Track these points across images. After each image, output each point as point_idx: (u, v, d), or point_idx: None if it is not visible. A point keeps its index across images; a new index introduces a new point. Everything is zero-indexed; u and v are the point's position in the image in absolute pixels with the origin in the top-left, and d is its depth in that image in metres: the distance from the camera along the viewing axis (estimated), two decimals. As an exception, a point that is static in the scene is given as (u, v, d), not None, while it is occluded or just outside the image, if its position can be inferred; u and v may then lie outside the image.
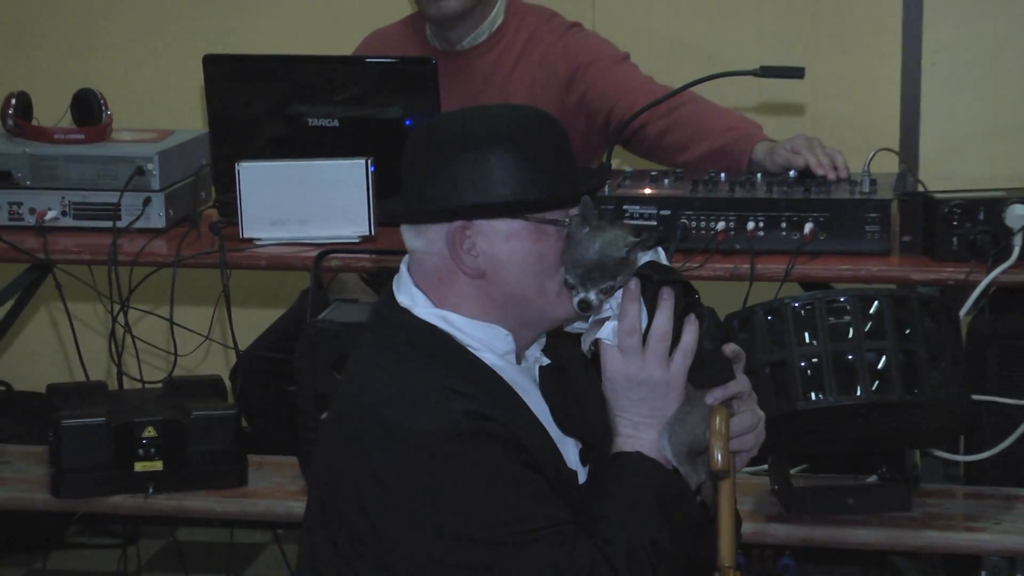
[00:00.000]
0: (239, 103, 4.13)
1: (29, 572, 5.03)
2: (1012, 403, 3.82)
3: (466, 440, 2.57)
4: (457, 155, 2.64)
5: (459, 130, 2.67)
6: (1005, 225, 3.75)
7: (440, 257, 2.68)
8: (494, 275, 2.67)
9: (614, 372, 2.68)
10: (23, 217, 4.09)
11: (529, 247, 2.66)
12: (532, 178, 2.64)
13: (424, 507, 2.58)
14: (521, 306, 2.70)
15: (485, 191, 2.63)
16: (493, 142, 2.64)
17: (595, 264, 2.63)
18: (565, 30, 4.49)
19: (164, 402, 3.94)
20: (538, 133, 2.67)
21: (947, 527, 3.67)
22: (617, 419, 2.70)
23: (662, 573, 2.64)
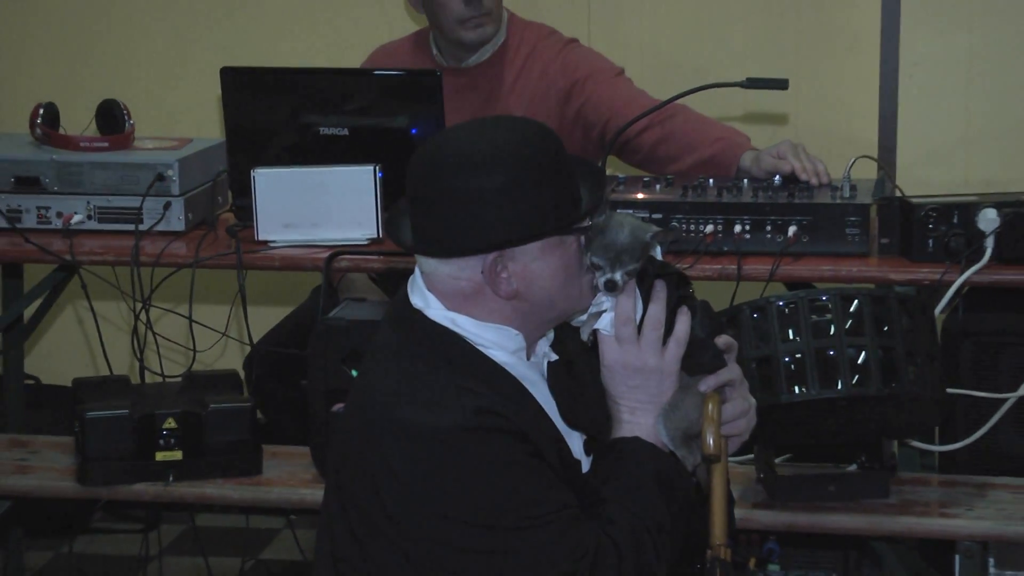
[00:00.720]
0: (254, 113, 4.12)
1: (56, 556, 5.03)
2: (984, 396, 3.82)
3: (476, 435, 2.57)
4: (473, 183, 2.59)
5: (470, 156, 2.61)
6: (978, 228, 3.75)
7: (470, 282, 2.65)
8: (526, 293, 2.66)
9: (611, 360, 2.69)
10: (50, 221, 4.08)
11: (556, 261, 2.65)
12: (551, 196, 2.61)
13: (437, 498, 2.58)
14: (547, 312, 2.70)
15: (515, 219, 2.59)
16: (507, 166, 2.59)
17: (626, 247, 2.64)
18: (563, 46, 4.49)
19: (183, 395, 3.94)
20: (543, 147, 2.64)
21: (923, 513, 3.67)
22: (616, 406, 2.71)
23: (662, 550, 2.64)
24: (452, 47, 4.46)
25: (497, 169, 2.59)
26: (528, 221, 2.61)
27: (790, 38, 4.98)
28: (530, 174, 2.60)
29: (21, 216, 4.08)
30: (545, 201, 2.61)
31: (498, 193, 2.58)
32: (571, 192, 2.64)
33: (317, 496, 3.63)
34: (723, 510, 2.71)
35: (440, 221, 2.62)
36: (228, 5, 5.26)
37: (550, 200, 2.61)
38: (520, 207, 2.59)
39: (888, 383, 3.46)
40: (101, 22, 5.32)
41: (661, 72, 4.79)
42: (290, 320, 4.56)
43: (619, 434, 2.69)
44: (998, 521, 3.63)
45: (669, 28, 5.04)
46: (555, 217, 2.62)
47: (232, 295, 3.97)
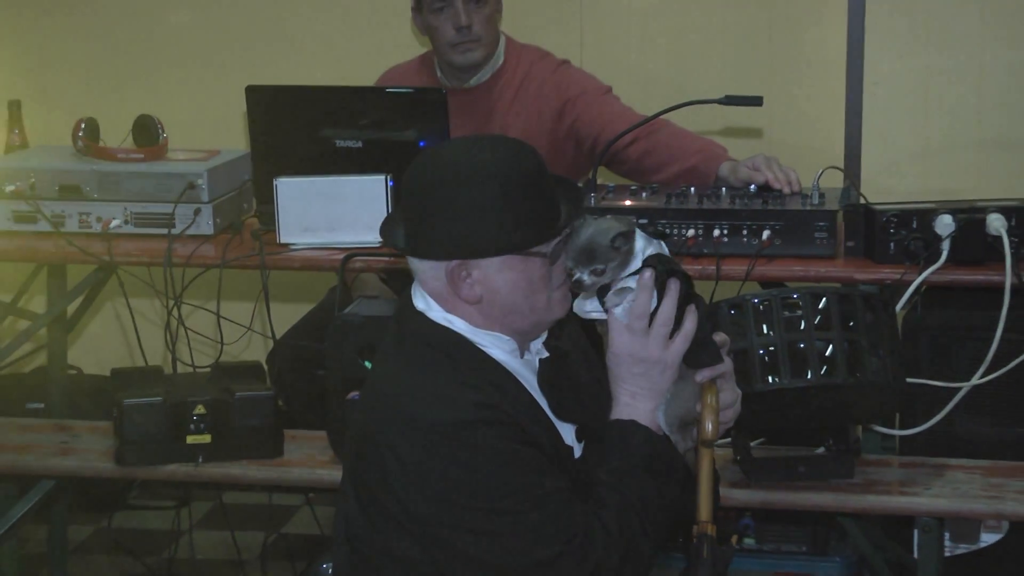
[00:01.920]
0: (276, 127, 4.11)
1: (97, 530, 5.03)
2: (941, 385, 3.81)
3: (475, 427, 2.57)
4: (451, 197, 2.60)
5: (452, 171, 2.62)
6: (935, 232, 3.74)
7: (441, 282, 2.66)
8: (490, 300, 2.66)
9: (620, 348, 2.67)
10: (91, 225, 4.07)
11: (518, 275, 2.65)
12: (518, 217, 2.61)
13: (439, 484, 2.58)
14: (516, 320, 2.69)
15: (477, 234, 2.60)
16: (483, 184, 2.60)
17: (584, 249, 2.62)
18: (556, 67, 4.49)
19: (212, 384, 3.94)
20: (521, 170, 2.63)
21: (885, 492, 3.66)
22: (617, 388, 2.69)
23: (651, 529, 2.63)
24: (452, 69, 4.46)
25: (469, 186, 2.60)
26: (488, 238, 2.61)
27: (764, 60, 4.98)
28: (501, 194, 2.60)
29: (64, 221, 4.08)
30: (508, 221, 2.60)
31: (466, 208, 2.59)
32: (542, 212, 2.63)
33: (333, 476, 3.64)
34: (710, 490, 2.70)
35: (416, 225, 2.65)
36: (253, 29, 5.26)
37: (513, 220, 2.60)
38: (483, 224, 2.60)
39: (853, 373, 3.46)
40: (138, 44, 5.32)
41: (646, 90, 4.79)
42: (309, 316, 4.56)
43: (617, 416, 2.68)
44: (953, 499, 3.62)
45: (654, 50, 5.04)
46: (518, 237, 2.61)
47: (256, 293, 3.96)
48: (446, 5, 4.35)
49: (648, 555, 2.64)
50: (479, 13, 4.36)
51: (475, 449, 2.57)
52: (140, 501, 5.20)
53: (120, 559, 4.80)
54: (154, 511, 5.15)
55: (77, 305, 4.54)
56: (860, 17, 4.47)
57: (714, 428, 2.66)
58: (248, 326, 4.09)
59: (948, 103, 4.89)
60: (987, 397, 3.87)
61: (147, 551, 4.84)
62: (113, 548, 4.88)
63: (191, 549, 4.77)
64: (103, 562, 4.81)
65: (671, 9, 5.03)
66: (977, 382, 3.76)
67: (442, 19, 4.37)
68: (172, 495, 5.14)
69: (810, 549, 4.15)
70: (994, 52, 4.86)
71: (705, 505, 2.70)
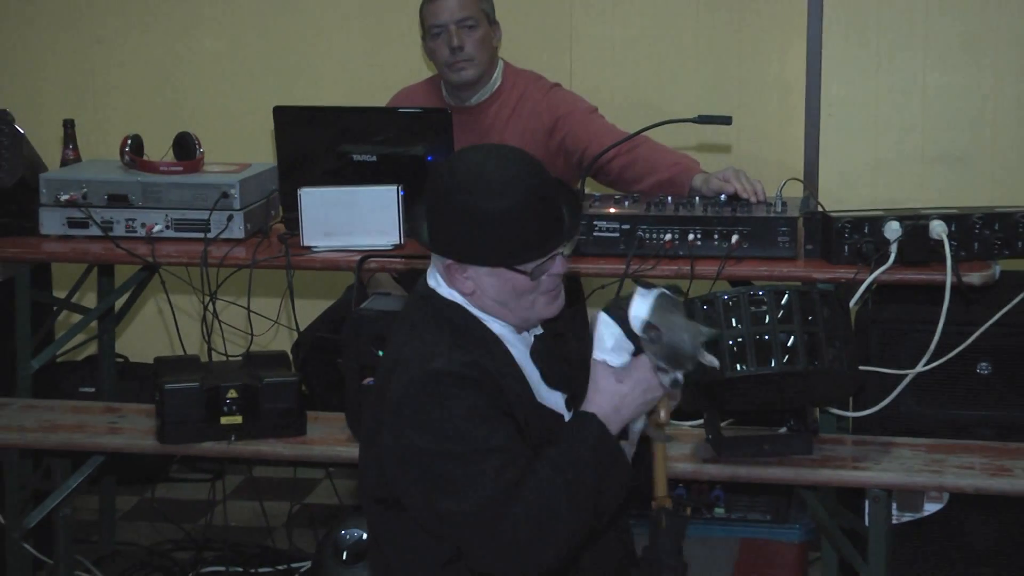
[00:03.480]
0: (300, 143, 4.11)
1: (141, 500, 5.03)
2: (889, 372, 3.81)
3: (458, 380, 2.58)
4: (457, 203, 2.62)
5: (465, 180, 2.62)
6: (884, 237, 3.74)
7: (442, 271, 2.70)
8: (480, 294, 2.69)
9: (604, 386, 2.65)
10: (136, 230, 4.07)
11: (503, 283, 2.67)
12: (510, 236, 2.62)
13: (410, 420, 2.59)
14: (504, 314, 2.70)
15: (471, 243, 2.62)
16: (487, 199, 2.61)
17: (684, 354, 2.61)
18: (548, 88, 4.49)
19: (243, 371, 3.93)
20: (526, 189, 2.62)
21: (839, 467, 3.66)
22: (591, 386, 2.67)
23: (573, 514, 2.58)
24: (455, 89, 4.47)
25: (476, 197, 2.61)
26: (479, 249, 2.63)
27: (733, 83, 4.97)
28: (498, 210, 2.60)
29: (112, 226, 4.07)
30: (501, 237, 2.61)
31: (467, 217, 2.61)
32: (534, 233, 2.62)
33: (351, 452, 3.64)
34: (664, 469, 2.70)
35: (431, 218, 2.67)
36: (280, 56, 5.25)
37: (506, 238, 2.61)
38: (478, 235, 2.62)
39: (812, 361, 3.45)
40: (178, 69, 5.31)
41: (628, 110, 4.78)
42: (329, 311, 4.55)
43: (584, 407, 2.66)
44: (900, 473, 3.62)
45: (635, 75, 5.04)
46: (505, 254, 2.62)
47: (282, 290, 3.95)
48: (442, 30, 4.38)
49: (565, 537, 2.58)
50: (471, 36, 4.38)
51: (448, 397, 2.57)
52: (179, 474, 5.20)
53: (161, 526, 4.79)
54: (192, 483, 5.15)
55: (124, 301, 4.54)
56: (818, 46, 4.48)
57: (667, 413, 2.67)
58: (275, 319, 4.08)
59: (895, 122, 4.89)
60: (930, 383, 3.87)
61: (185, 519, 4.83)
62: (155, 516, 4.87)
63: (225, 517, 4.77)
64: (146, 528, 4.81)
65: (650, 39, 5.03)
66: (921, 370, 3.76)
67: (439, 42, 4.39)
68: (208, 469, 5.14)
69: (773, 517, 4.15)
70: (936, 77, 4.86)
71: (660, 483, 2.70)
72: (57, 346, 4.39)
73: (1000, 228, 3.78)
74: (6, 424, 4.01)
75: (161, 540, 4.68)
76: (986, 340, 3.77)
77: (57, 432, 3.96)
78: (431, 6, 4.43)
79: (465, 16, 4.39)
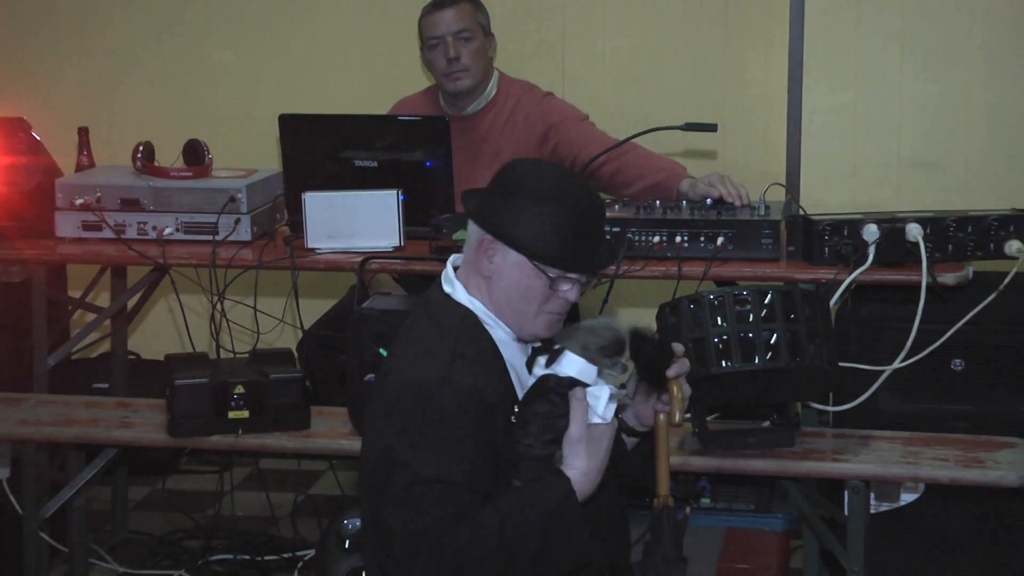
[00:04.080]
0: (305, 149, 4.10)
1: (152, 490, 5.02)
2: (867, 368, 3.80)
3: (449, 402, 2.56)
4: (522, 194, 2.64)
5: (536, 176, 2.67)
6: (862, 239, 3.73)
7: (470, 251, 2.70)
8: (495, 282, 2.68)
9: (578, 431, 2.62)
10: (148, 232, 4.06)
11: (523, 279, 2.66)
12: (550, 238, 2.63)
13: (388, 426, 2.59)
14: (507, 313, 2.69)
15: (518, 227, 2.63)
16: (547, 199, 2.63)
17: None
18: (541, 97, 4.49)
19: (250, 368, 3.92)
20: (581, 211, 2.65)
21: (820, 459, 3.65)
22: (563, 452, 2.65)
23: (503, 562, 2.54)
24: (452, 98, 4.46)
25: (539, 193, 2.64)
26: (519, 234, 2.63)
27: (719, 92, 4.98)
28: (553, 213, 2.62)
29: (125, 229, 4.07)
30: (543, 235, 2.62)
31: (524, 205, 2.63)
32: (573, 250, 2.64)
33: (354, 445, 3.63)
34: (668, 467, 2.70)
35: (491, 198, 2.68)
36: (285, 66, 5.26)
37: (546, 237, 2.63)
38: (525, 223, 2.62)
39: (794, 358, 3.44)
40: (187, 79, 5.31)
41: (618, 118, 4.78)
42: (332, 310, 4.54)
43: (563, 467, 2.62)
44: (878, 465, 3.61)
45: (625, 83, 5.04)
46: (538, 250, 2.63)
47: (287, 290, 3.95)
48: (439, 42, 4.38)
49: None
50: (467, 47, 4.38)
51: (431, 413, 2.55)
52: (189, 466, 5.19)
53: (172, 515, 4.78)
54: (200, 475, 5.14)
55: (136, 300, 4.53)
56: (799, 56, 4.47)
57: (681, 415, 2.67)
58: (280, 318, 4.07)
59: (873, 129, 4.90)
60: (906, 379, 3.87)
61: (194, 509, 4.82)
62: (166, 506, 4.86)
63: (232, 507, 4.75)
64: (157, 518, 4.80)
65: (639, 50, 5.03)
66: (898, 366, 3.76)
67: (436, 53, 4.39)
68: (216, 462, 5.13)
69: (757, 507, 4.14)
70: (911, 86, 4.87)
71: (663, 482, 2.69)
72: (72, 344, 4.39)
73: (973, 231, 3.78)
74: (23, 418, 4.00)
75: (171, 529, 4.68)
76: (960, 338, 3.77)
77: (72, 426, 3.95)
78: (429, 18, 4.43)
79: (461, 28, 4.39)
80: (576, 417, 2.60)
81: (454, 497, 2.53)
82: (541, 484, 2.59)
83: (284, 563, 4.44)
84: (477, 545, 2.52)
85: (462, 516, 2.53)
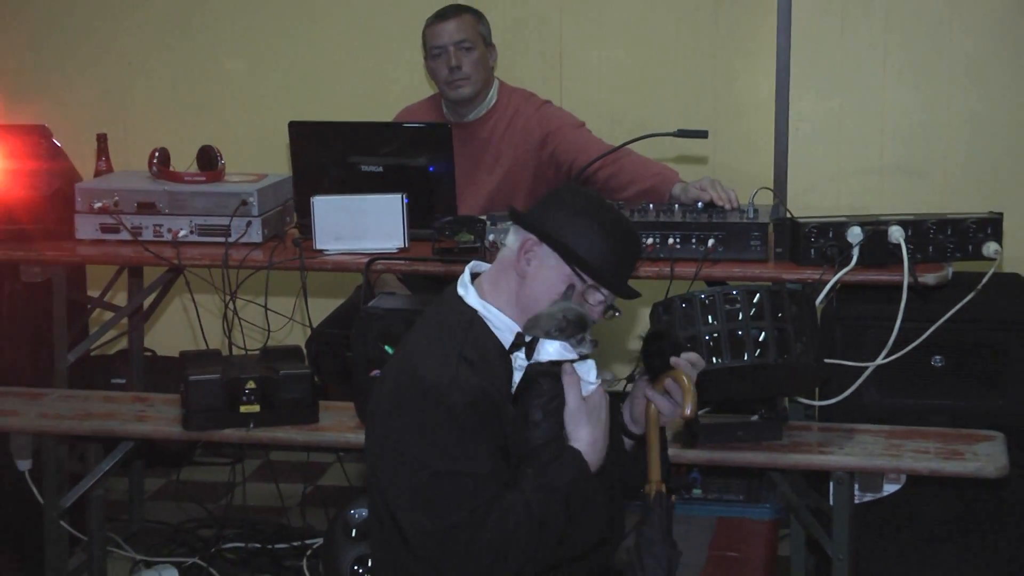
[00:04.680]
0: (313, 155, 4.09)
1: (167, 482, 5.02)
2: (851, 364, 3.80)
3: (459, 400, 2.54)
4: (571, 207, 2.68)
5: (582, 197, 2.71)
6: (847, 240, 3.73)
7: (510, 252, 2.69)
8: (528, 281, 2.67)
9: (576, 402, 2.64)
10: (163, 234, 4.05)
11: (556, 283, 2.66)
12: (596, 254, 2.64)
13: (399, 429, 2.57)
14: (526, 309, 2.68)
15: (563, 232, 2.64)
16: (591, 215, 2.66)
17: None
18: (540, 105, 4.48)
19: (261, 364, 3.91)
20: (620, 237, 2.68)
21: (806, 451, 3.65)
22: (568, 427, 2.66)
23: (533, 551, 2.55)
24: (454, 106, 4.46)
25: (586, 212, 2.67)
26: (566, 239, 2.65)
27: (710, 100, 4.97)
28: (601, 233, 2.65)
29: (141, 231, 4.06)
30: (583, 245, 2.64)
31: (573, 220, 2.65)
32: (606, 265, 2.66)
33: (360, 439, 3.60)
34: (658, 455, 2.69)
35: (541, 207, 2.69)
36: (294, 75, 5.26)
37: (592, 251, 2.64)
38: (572, 232, 2.64)
39: (782, 355, 3.44)
40: (201, 87, 5.32)
41: (613, 124, 4.79)
42: (340, 309, 4.54)
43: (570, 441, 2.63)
44: (861, 457, 3.61)
45: (620, 91, 5.04)
46: (578, 255, 2.64)
47: (296, 290, 3.94)
48: (442, 51, 4.38)
49: (521, 566, 2.55)
50: (468, 57, 4.38)
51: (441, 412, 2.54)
52: (202, 458, 5.19)
53: (186, 505, 4.78)
54: (213, 467, 5.14)
55: (152, 300, 4.53)
56: (786, 66, 4.47)
57: (694, 407, 2.68)
58: (290, 317, 4.06)
59: (856, 136, 4.91)
60: (889, 374, 3.86)
61: (208, 499, 4.82)
62: (180, 496, 4.86)
63: (244, 498, 4.76)
64: (172, 508, 4.80)
65: (633, 60, 5.03)
66: (881, 362, 3.75)
67: (439, 63, 4.39)
68: (228, 454, 5.14)
69: (746, 497, 4.14)
70: (893, 95, 4.88)
71: (655, 468, 2.68)
72: (91, 341, 4.39)
73: (952, 233, 3.78)
74: (44, 412, 4.00)
75: (186, 519, 4.68)
76: (940, 335, 3.76)
77: (91, 420, 3.95)
78: (432, 29, 4.43)
79: (463, 38, 4.39)
80: (571, 391, 2.62)
81: (480, 489, 2.53)
82: (556, 463, 2.59)
83: (293, 551, 4.44)
84: (511, 528, 2.52)
85: (491, 505, 2.53)
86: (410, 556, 2.61)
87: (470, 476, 2.52)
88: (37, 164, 4.22)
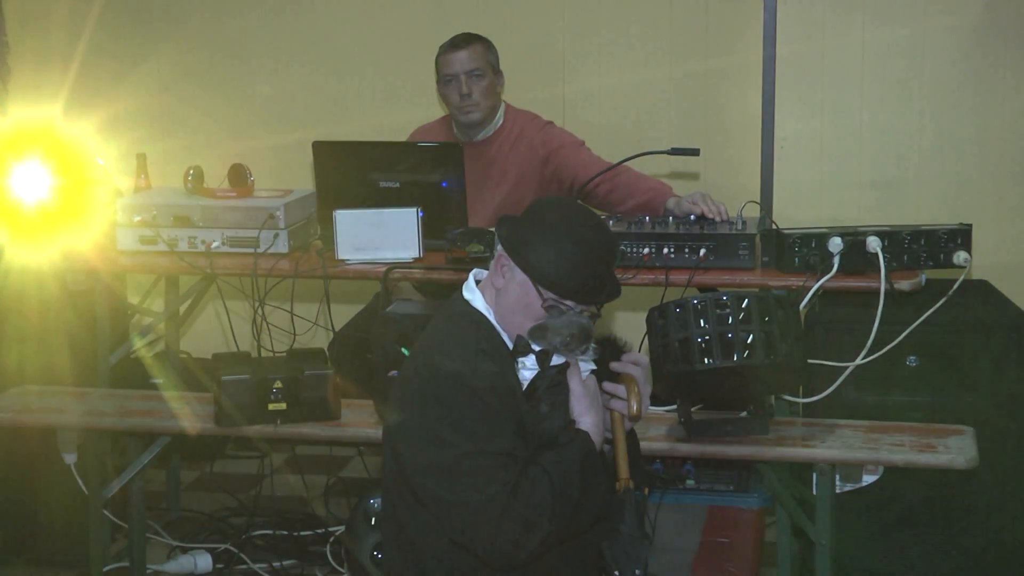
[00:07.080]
0: (335, 172, 4.08)
1: (202, 473, 5.01)
2: (833, 364, 3.78)
3: (481, 385, 2.56)
4: (541, 224, 2.66)
5: (555, 213, 2.68)
6: (828, 250, 3.71)
7: (493, 263, 2.72)
8: (503, 293, 2.68)
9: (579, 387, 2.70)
10: (197, 246, 4.04)
11: (523, 296, 2.66)
12: (556, 269, 2.63)
13: (422, 414, 2.57)
14: (505, 322, 2.69)
15: (529, 251, 2.64)
16: (559, 232, 2.64)
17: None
18: (543, 125, 4.47)
19: (287, 365, 3.90)
20: (593, 247, 2.66)
21: (791, 445, 3.63)
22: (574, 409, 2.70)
23: (559, 506, 2.58)
24: (464, 127, 4.45)
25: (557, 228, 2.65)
26: (531, 258, 2.64)
27: (701, 120, 4.96)
28: (567, 248, 2.63)
29: (177, 243, 4.04)
30: (552, 263, 2.63)
31: (543, 234, 2.64)
32: (576, 281, 2.63)
33: (379, 434, 3.60)
34: (625, 453, 2.69)
35: (518, 224, 2.70)
36: (317, 100, 5.26)
37: (553, 266, 2.62)
38: (539, 250, 2.63)
39: (768, 355, 3.42)
40: (233, 110, 5.32)
41: (612, 143, 4.77)
42: (360, 314, 4.53)
43: (577, 424, 2.69)
44: (843, 450, 3.59)
45: (618, 112, 5.03)
46: (543, 275, 2.63)
47: (320, 296, 3.93)
48: (453, 79, 4.36)
49: (548, 530, 2.58)
50: (478, 84, 4.36)
51: (461, 396, 2.55)
52: (233, 452, 5.17)
53: (218, 495, 4.77)
54: (244, 460, 5.12)
55: (187, 306, 4.52)
56: (772, 89, 4.47)
57: (638, 408, 2.69)
58: (314, 321, 4.06)
59: (837, 153, 4.90)
60: (867, 373, 3.84)
61: (238, 489, 4.81)
62: (214, 487, 4.85)
63: (272, 488, 4.74)
64: (206, 498, 4.78)
65: (631, 84, 5.02)
66: (860, 362, 3.74)
67: (451, 89, 4.38)
68: (257, 448, 5.12)
69: (736, 488, 4.12)
70: (869, 115, 4.87)
71: (623, 465, 2.68)
72: (131, 344, 4.37)
73: (925, 243, 3.76)
74: (89, 410, 3.99)
75: (219, 508, 4.66)
76: (914, 337, 3.75)
77: (131, 416, 3.94)
78: (445, 57, 4.42)
79: (474, 67, 4.37)
80: (574, 379, 2.68)
81: (510, 463, 2.56)
82: (568, 442, 2.64)
83: (318, 538, 4.43)
84: (538, 497, 2.56)
85: (521, 477, 2.56)
86: (421, 537, 2.61)
87: (500, 453, 2.56)
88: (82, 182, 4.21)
